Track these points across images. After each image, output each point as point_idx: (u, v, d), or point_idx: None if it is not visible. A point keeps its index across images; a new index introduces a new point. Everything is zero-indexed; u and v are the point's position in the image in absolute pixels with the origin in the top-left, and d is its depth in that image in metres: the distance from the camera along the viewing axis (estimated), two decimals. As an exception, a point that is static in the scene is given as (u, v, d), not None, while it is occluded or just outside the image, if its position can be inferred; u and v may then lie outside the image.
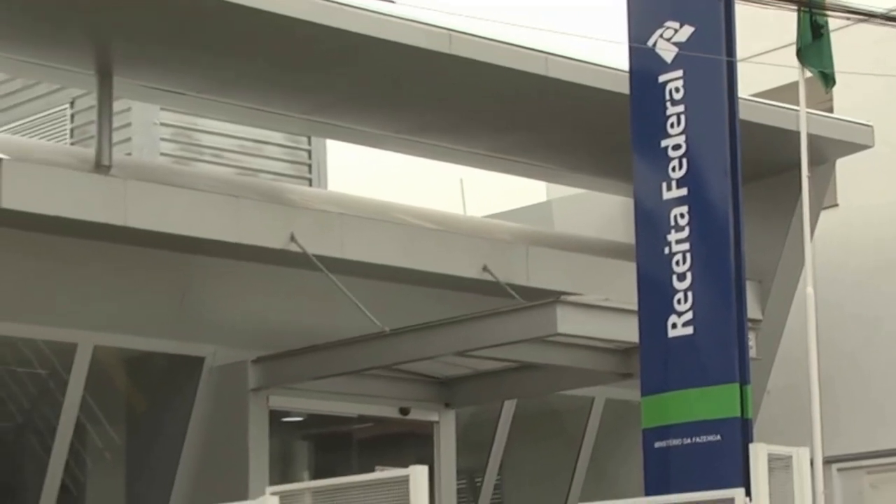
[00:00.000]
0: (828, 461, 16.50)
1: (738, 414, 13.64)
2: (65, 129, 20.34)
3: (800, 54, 15.21)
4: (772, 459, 12.51)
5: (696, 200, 14.05)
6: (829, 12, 15.09)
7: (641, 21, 14.58)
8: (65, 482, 16.50)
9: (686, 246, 14.02)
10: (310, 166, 21.23)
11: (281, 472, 17.43)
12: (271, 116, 18.12)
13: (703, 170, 14.10)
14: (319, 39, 15.67)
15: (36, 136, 20.13)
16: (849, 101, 20.41)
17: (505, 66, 16.60)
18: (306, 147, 21.19)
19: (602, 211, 21.44)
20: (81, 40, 15.91)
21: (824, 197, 20.06)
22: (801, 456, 12.59)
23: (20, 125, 20.48)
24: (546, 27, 16.36)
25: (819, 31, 15.04)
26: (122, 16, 15.24)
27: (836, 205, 21.16)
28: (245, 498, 14.08)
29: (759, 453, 12.49)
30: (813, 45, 15.08)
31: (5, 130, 20.01)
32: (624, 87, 14.84)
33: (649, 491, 13.78)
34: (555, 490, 19.86)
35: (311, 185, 20.94)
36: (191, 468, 16.99)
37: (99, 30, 15.73)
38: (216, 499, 12.25)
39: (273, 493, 10.73)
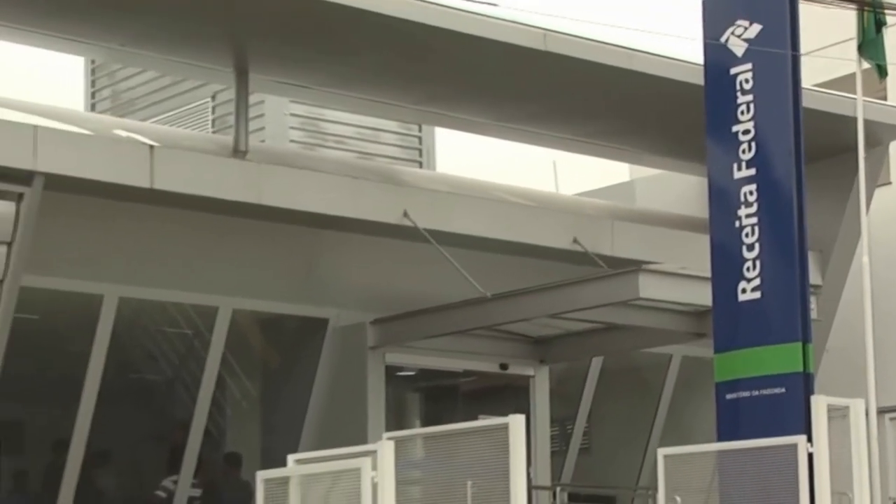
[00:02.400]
0: (881, 411, 16.32)
1: (801, 369, 13.55)
2: (207, 120, 20.49)
3: (861, 48, 15.08)
4: (831, 410, 12.44)
5: (764, 179, 13.96)
6: (888, 11, 14.96)
7: (715, 19, 14.51)
8: (208, 428, 16.65)
9: (754, 220, 13.94)
10: (420, 151, 21.27)
11: (395, 419, 17.49)
12: (387, 107, 18.17)
13: (770, 152, 14.00)
14: (430, 39, 15.69)
15: (182, 126, 20.29)
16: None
17: (593, 60, 16.54)
18: (417, 134, 21.22)
19: (679, 189, 21.31)
20: (222, 42, 16.03)
21: (879, 176, 19.84)
22: (857, 407, 12.51)
23: (169, 117, 20.65)
24: (629, 25, 16.29)
25: (880, 27, 14.93)
26: (257, 21, 15.34)
27: (890, 183, 20.91)
28: (364, 442, 14.13)
29: (819, 404, 12.42)
30: (872, 40, 14.95)
31: (156, 121, 20.18)
32: (699, 79, 14.76)
33: (721, 437, 13.72)
34: (637, 437, 19.80)
35: (421, 167, 20.97)
36: (317, 416, 17.09)
37: (237, 33, 15.84)
38: (339, 443, 12.33)
39: (389, 439, 10.74)
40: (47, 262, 14.91)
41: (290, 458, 11.30)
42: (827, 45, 19.64)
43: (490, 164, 22.79)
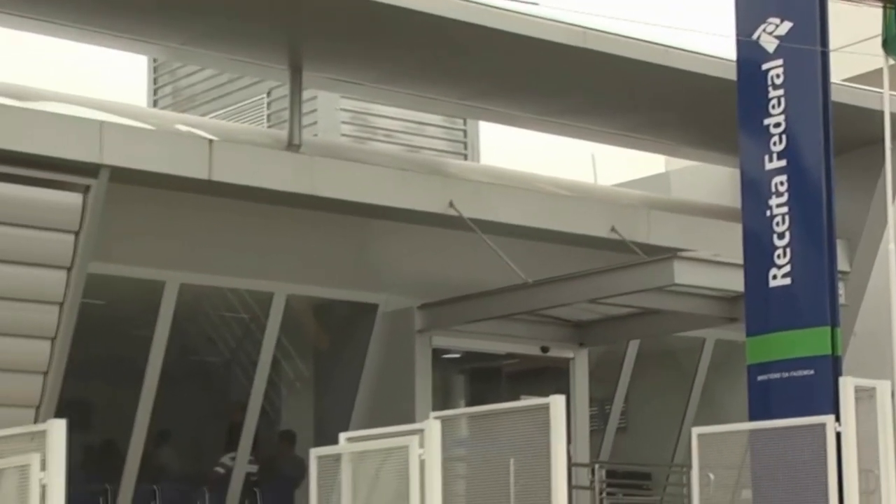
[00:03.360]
0: (906, 392, 16.24)
1: (829, 352, 13.50)
2: (262, 115, 20.53)
3: (885, 45, 14.97)
4: (858, 391, 12.39)
5: (794, 170, 13.90)
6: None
7: (747, 17, 14.45)
8: (264, 406, 16.72)
9: (785, 209, 13.88)
10: (465, 144, 21.26)
11: (441, 399, 17.52)
12: (433, 102, 18.17)
13: (799, 144, 13.94)
14: (475, 37, 15.68)
15: (239, 121, 20.34)
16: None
17: (630, 57, 16.50)
18: (462, 127, 21.20)
19: (712, 180, 21.23)
20: (277, 42, 16.07)
21: (904, 167, 19.71)
22: (883, 388, 12.45)
23: (227, 112, 20.70)
24: (665, 23, 16.24)
25: (902, 24, 14.84)
26: (311, 21, 15.38)
27: (915, 173, 20.74)
28: (412, 421, 14.15)
29: (846, 385, 12.37)
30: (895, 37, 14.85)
31: (215, 116, 20.24)
32: (732, 75, 14.69)
33: (753, 417, 13.68)
34: (672, 416, 19.76)
35: (466, 159, 20.96)
36: (367, 396, 17.13)
37: (291, 33, 15.88)
38: (388, 421, 12.36)
39: (435, 417, 10.76)
40: (113, 250, 14.99)
41: (342, 436, 11.32)
42: (855, 42, 19.50)
43: (531, 157, 22.78)
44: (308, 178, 15.79)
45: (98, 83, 21.00)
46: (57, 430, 9.04)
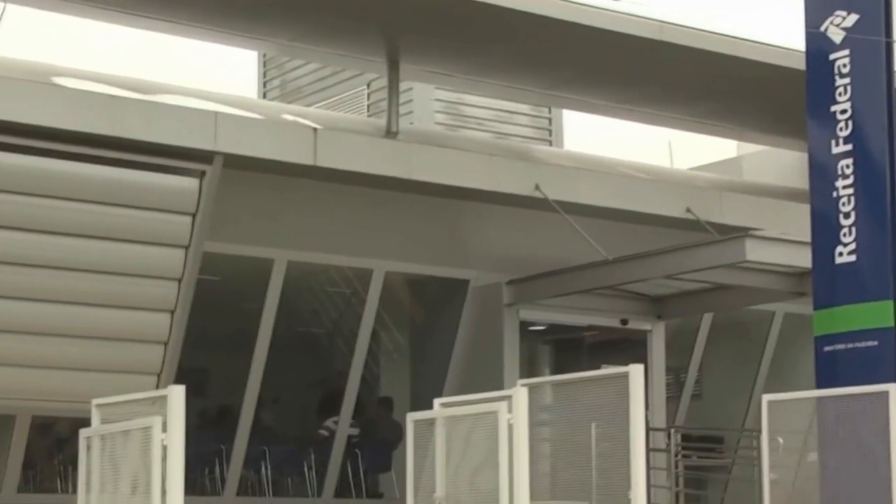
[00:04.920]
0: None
1: (892, 324, 13.35)
2: (363, 105, 20.56)
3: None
4: (920, 360, 12.21)
5: (859, 154, 13.74)
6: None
7: (815, 10, 14.27)
8: (364, 375, 16.78)
9: (851, 190, 13.72)
10: (550, 131, 21.17)
11: (528, 368, 17.47)
12: (520, 92, 18.10)
13: (865, 129, 13.76)
14: (559, 31, 15.58)
15: (341, 110, 20.39)
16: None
17: (704, 48, 16.32)
18: (547, 115, 21.11)
19: (782, 163, 20.99)
20: (376, 37, 16.07)
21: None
22: (944, 357, 12.26)
23: (330, 103, 20.76)
24: (738, 16, 16.07)
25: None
26: (407, 18, 15.36)
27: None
28: (501, 388, 14.15)
29: (909, 356, 12.20)
30: None
31: (319, 107, 20.31)
32: (800, 65, 14.51)
33: (820, 385, 13.55)
34: (742, 385, 19.59)
35: (551, 145, 20.88)
36: (459, 365, 17.13)
37: (389, 29, 15.88)
38: (478, 388, 12.35)
39: (523, 385, 10.72)
40: (226, 230, 15.10)
41: (436, 401, 11.32)
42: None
43: (612, 142, 22.63)
44: (405, 164, 15.80)
45: (213, 77, 21.14)
46: (176, 396, 9.11)
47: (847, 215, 13.74)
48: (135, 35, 16.87)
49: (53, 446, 15.26)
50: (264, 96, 21.91)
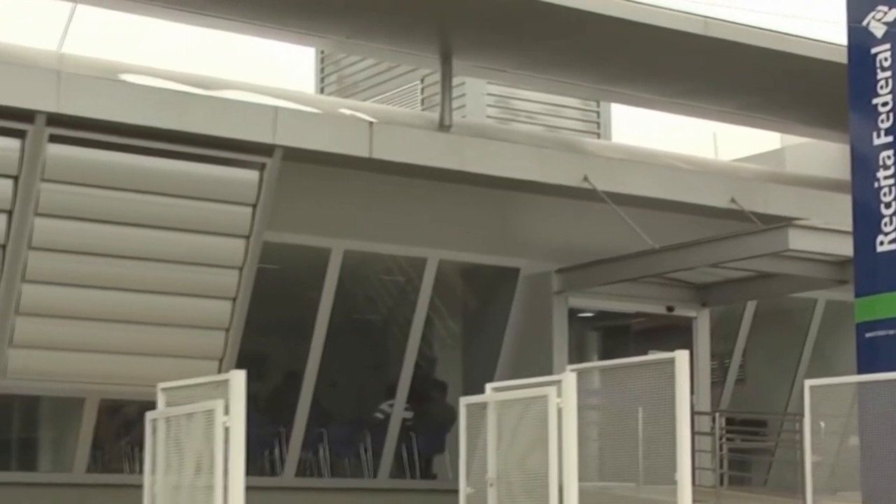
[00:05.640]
0: None
1: (932, 312, 13.26)
2: (417, 100, 20.58)
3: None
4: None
5: (900, 146, 13.64)
6: None
7: (857, 5, 14.17)
8: (418, 360, 16.80)
9: (892, 181, 13.61)
10: (598, 124, 21.10)
11: (576, 354, 17.44)
12: (569, 86, 18.04)
13: (906, 122, 13.66)
14: (607, 27, 15.52)
15: (396, 105, 20.42)
16: None
17: (748, 43, 16.21)
18: (596, 109, 21.05)
19: (824, 155, 20.82)
20: (430, 34, 16.06)
21: None
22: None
23: (385, 97, 20.79)
24: (781, 11, 15.95)
25: None
26: (460, 15, 15.35)
27: None
28: (550, 373, 14.13)
29: (948, 342, 12.09)
30: None
31: (374, 101, 20.34)
32: (843, 58, 14.39)
33: (861, 371, 13.45)
34: (785, 370, 19.46)
35: (599, 137, 20.81)
36: (510, 350, 17.12)
37: (442, 26, 15.86)
38: (528, 373, 12.35)
39: (571, 370, 10.72)
40: (285, 220, 15.15)
41: (488, 386, 11.34)
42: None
43: (658, 135, 22.54)
44: (457, 156, 15.79)
45: (273, 73, 21.22)
46: (238, 380, 9.17)
47: (888, 205, 13.63)
48: (199, 33, 16.96)
49: (121, 428, 15.39)
50: (322, 91, 21.96)
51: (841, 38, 14.75)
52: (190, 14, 15.40)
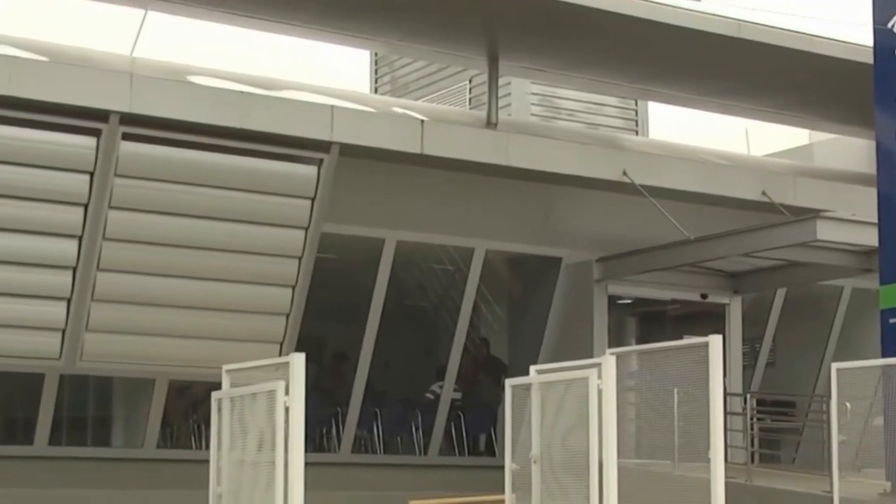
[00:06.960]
0: None
1: (955, 299, 13.12)
2: (465, 99, 20.58)
3: None
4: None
5: (924, 142, 13.50)
6: None
7: (882, 8, 14.04)
8: (466, 345, 16.80)
9: (916, 175, 13.49)
10: (637, 121, 21.03)
11: (615, 338, 17.39)
12: (609, 85, 17.98)
13: (929, 119, 13.51)
14: (645, 30, 15.46)
15: (446, 103, 20.42)
16: None
17: (779, 45, 16.10)
18: (634, 107, 20.98)
19: (851, 150, 20.64)
20: (478, 37, 16.05)
21: None
22: None
23: (436, 97, 20.80)
24: (810, 14, 15.84)
25: None
26: (506, 19, 15.32)
27: None
28: (591, 356, 14.10)
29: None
30: None
31: (426, 100, 20.35)
32: (869, 59, 14.25)
33: (885, 355, 13.34)
34: (813, 353, 19.31)
35: (637, 134, 20.73)
36: (552, 335, 17.10)
37: (490, 30, 15.85)
38: (570, 356, 12.33)
39: (611, 353, 10.69)
40: (342, 212, 15.19)
41: (532, 368, 11.32)
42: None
43: (693, 131, 22.41)
44: (503, 152, 15.78)
45: (330, 74, 21.27)
46: (297, 362, 9.20)
47: (912, 198, 13.48)
48: (261, 37, 17.02)
49: (189, 407, 15.49)
50: (376, 91, 21.99)
51: (867, 39, 14.62)
52: (253, 20, 15.45)
